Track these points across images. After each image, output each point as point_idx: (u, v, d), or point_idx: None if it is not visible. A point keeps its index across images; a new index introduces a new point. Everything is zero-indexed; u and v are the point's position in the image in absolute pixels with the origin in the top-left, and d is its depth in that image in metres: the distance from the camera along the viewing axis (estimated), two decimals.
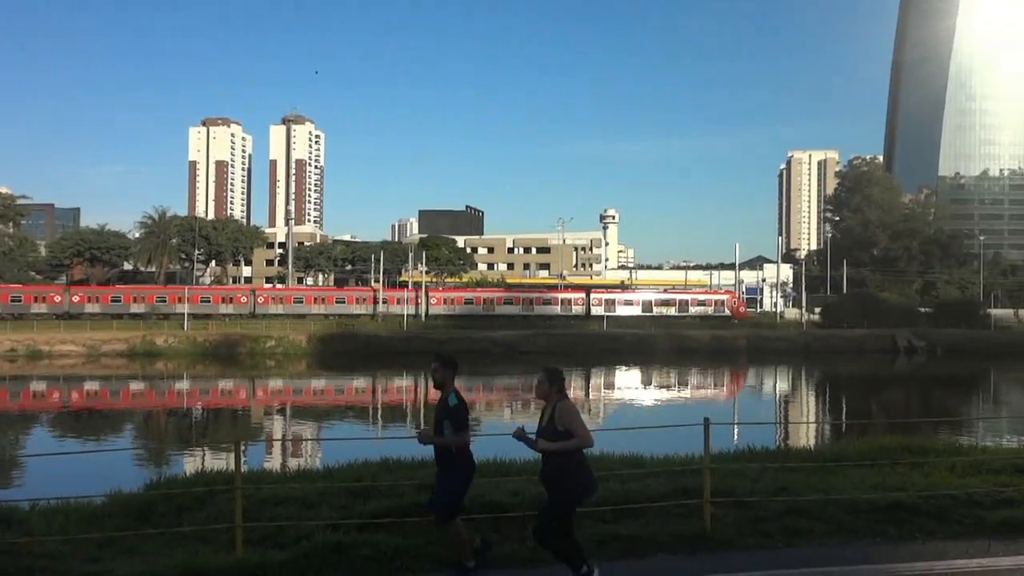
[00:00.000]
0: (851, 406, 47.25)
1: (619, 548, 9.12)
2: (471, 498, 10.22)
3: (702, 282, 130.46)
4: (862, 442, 14.99)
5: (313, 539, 8.97)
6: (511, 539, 9.23)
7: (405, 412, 42.54)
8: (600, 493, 10.47)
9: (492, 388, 54.11)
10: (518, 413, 42.03)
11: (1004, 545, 9.58)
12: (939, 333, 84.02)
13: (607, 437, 19.89)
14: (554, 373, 8.04)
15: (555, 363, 8.70)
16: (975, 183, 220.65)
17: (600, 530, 9.48)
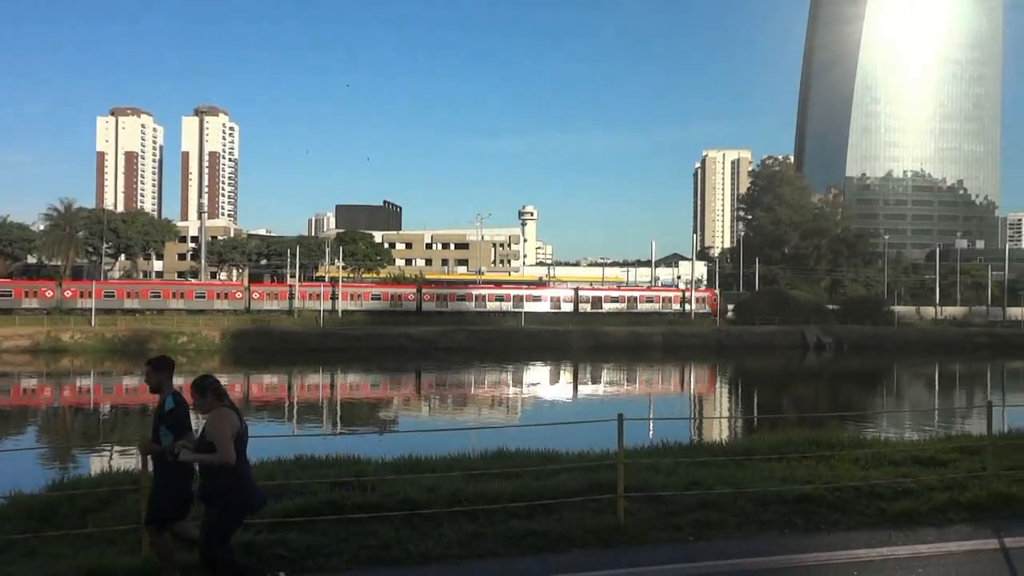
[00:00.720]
0: (762, 401, 48.32)
1: (533, 544, 9.13)
2: (386, 495, 10.14)
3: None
4: (772, 436, 15.33)
5: None
6: (426, 537, 9.17)
7: (320, 409, 42.01)
8: (515, 489, 10.52)
9: (407, 384, 53.86)
10: (436, 410, 41.94)
11: (903, 534, 9.91)
12: (846, 329, 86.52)
13: (523, 434, 20.00)
14: (205, 380, 7.31)
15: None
16: (880, 184, 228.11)
17: (514, 527, 9.49)
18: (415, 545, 8.91)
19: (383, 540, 9.00)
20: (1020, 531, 10.09)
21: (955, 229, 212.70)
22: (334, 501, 9.99)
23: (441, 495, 10.27)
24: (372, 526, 9.37)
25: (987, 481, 11.39)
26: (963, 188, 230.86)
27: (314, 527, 9.30)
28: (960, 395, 52.45)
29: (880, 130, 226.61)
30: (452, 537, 9.14)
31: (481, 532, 9.34)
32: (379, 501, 10.01)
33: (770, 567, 8.76)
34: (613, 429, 10.14)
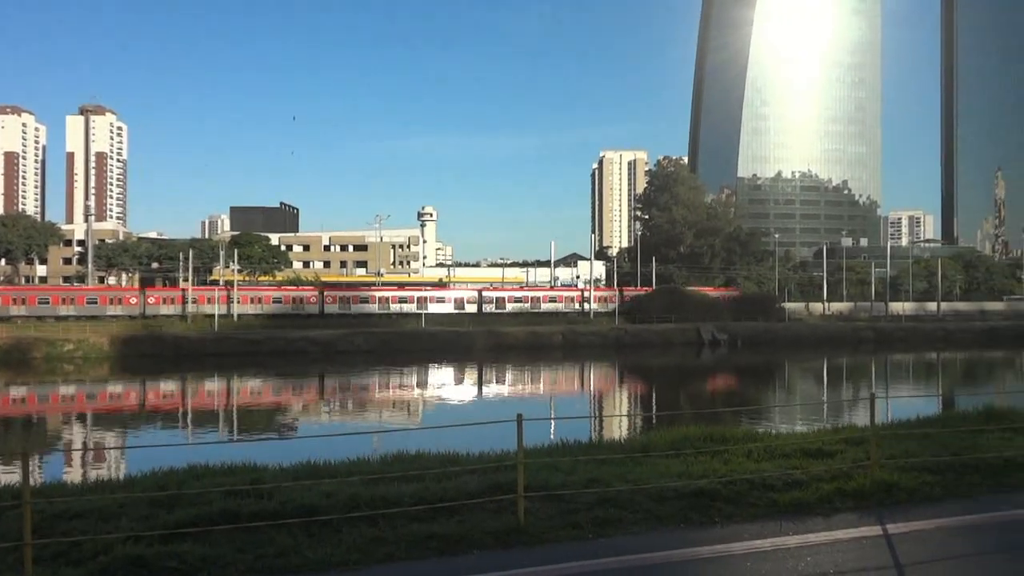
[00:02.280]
0: (660, 398, 49.22)
1: (435, 547, 9.10)
2: (284, 502, 9.95)
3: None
4: (669, 433, 15.59)
5: (112, 553, 8.48)
6: (325, 543, 9.04)
7: (216, 416, 41.01)
8: (415, 492, 10.47)
9: (308, 389, 53.06)
10: (335, 414, 41.42)
11: (793, 524, 10.23)
12: (739, 326, 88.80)
13: (424, 436, 19.92)
14: None
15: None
16: (770, 184, 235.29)
17: (415, 530, 9.43)
18: (314, 552, 8.77)
19: (281, 548, 8.84)
20: (902, 517, 10.54)
21: (840, 228, 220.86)
22: (229, 510, 9.75)
23: (340, 500, 10.14)
24: (270, 534, 9.19)
25: (871, 470, 11.84)
26: (847, 188, 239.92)
27: (209, 537, 9.06)
28: (846, 388, 54.46)
29: (770, 132, 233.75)
30: (352, 542, 9.04)
31: (381, 536, 9.26)
32: (276, 508, 9.82)
33: (667, 561, 8.93)
34: (513, 429, 10.18)
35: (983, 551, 9.56)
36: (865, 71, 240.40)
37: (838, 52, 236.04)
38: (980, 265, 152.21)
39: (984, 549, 9.63)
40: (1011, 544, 9.78)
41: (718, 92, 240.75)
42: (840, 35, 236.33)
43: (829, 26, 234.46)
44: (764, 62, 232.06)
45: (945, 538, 9.89)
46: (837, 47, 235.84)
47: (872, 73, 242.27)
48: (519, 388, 53.71)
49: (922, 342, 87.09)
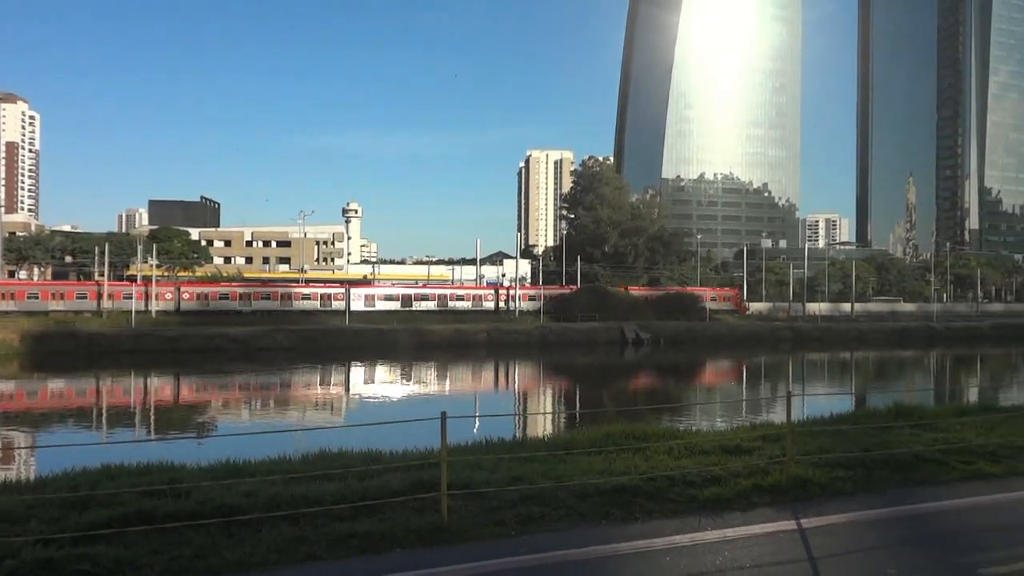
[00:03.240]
0: (584, 396, 49.63)
1: (356, 546, 9.05)
2: (202, 502, 9.77)
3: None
4: (592, 430, 15.76)
5: (20, 557, 8.23)
6: (244, 543, 8.91)
7: (133, 414, 40.03)
8: (337, 491, 10.39)
9: (228, 387, 52.13)
10: (256, 413, 40.80)
11: (712, 519, 10.46)
12: (662, 325, 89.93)
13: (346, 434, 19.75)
14: None
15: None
16: (693, 185, 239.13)
17: (336, 529, 9.36)
18: (232, 553, 8.64)
19: (198, 549, 8.69)
20: (815, 512, 10.85)
21: (760, 229, 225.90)
22: (145, 511, 9.55)
23: (260, 500, 10.01)
24: (187, 535, 9.03)
25: (787, 466, 12.16)
26: (768, 191, 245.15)
27: (123, 539, 8.85)
28: (765, 386, 55.65)
29: (693, 135, 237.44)
30: (272, 542, 8.93)
31: (302, 536, 9.17)
32: (194, 509, 9.65)
33: (588, 557, 9.03)
34: (437, 427, 10.18)
35: (891, 543, 9.90)
36: (785, 77, 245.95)
37: (760, 58, 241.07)
38: (892, 267, 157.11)
39: (892, 541, 9.97)
40: (918, 536, 10.15)
41: (643, 94, 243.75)
42: (762, 41, 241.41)
43: (751, 32, 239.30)
44: (688, 66, 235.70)
45: (856, 531, 10.21)
46: (759, 53, 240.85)
47: (792, 79, 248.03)
48: (443, 386, 53.61)
49: (837, 341, 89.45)
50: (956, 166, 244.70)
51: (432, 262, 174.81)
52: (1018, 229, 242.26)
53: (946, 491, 12.22)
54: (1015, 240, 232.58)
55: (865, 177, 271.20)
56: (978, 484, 12.65)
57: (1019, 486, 12.56)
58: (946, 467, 13.27)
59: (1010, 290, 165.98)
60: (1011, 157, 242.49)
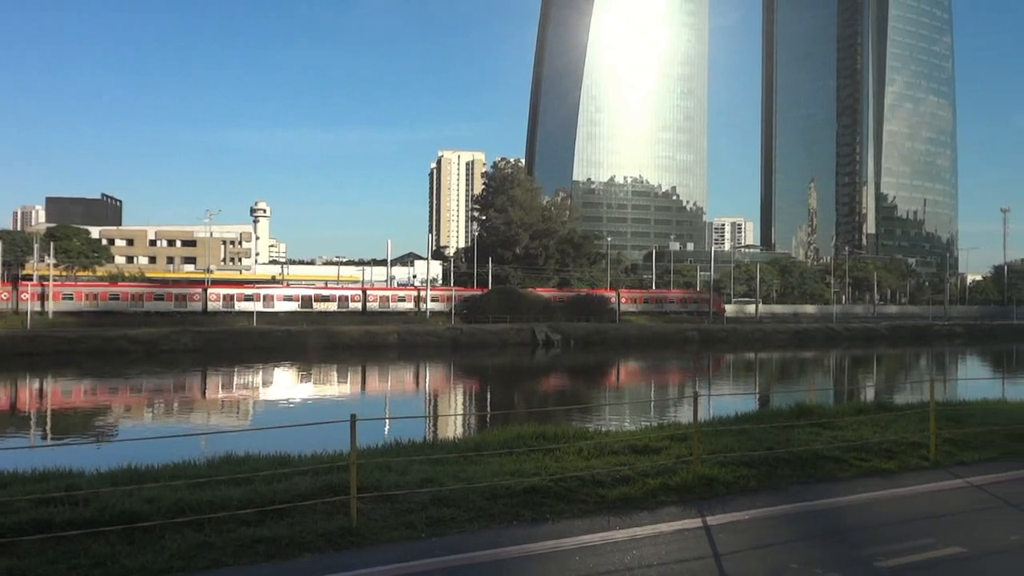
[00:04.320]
0: (495, 397, 49.74)
1: (264, 551, 8.89)
2: (101, 509, 9.47)
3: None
4: (502, 431, 15.80)
5: None
6: (146, 550, 8.67)
7: (27, 419, 38.55)
8: (244, 495, 10.19)
9: (129, 390, 50.64)
10: (159, 417, 39.75)
11: (621, 519, 10.61)
12: (572, 326, 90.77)
13: (253, 438, 19.37)
14: None
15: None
16: (604, 188, 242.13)
17: (242, 534, 9.18)
18: (133, 560, 8.40)
19: (97, 557, 8.42)
20: (720, 509, 11.10)
21: (669, 232, 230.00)
22: (40, 519, 9.19)
23: (163, 506, 9.74)
24: (85, 543, 8.74)
25: (694, 465, 12.40)
26: (676, 194, 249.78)
27: (16, 549, 8.52)
28: (672, 387, 56.63)
29: (604, 137, 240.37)
30: (175, 549, 8.71)
31: (207, 542, 8.96)
32: (93, 516, 9.33)
33: (498, 558, 9.06)
34: (347, 430, 10.08)
35: (793, 538, 10.19)
36: (693, 83, 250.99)
37: (668, 63, 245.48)
38: (794, 270, 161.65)
39: (794, 536, 10.27)
40: (818, 531, 10.48)
41: (555, 97, 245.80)
42: (671, 47, 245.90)
43: (661, 38, 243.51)
44: (599, 70, 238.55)
45: (759, 527, 10.48)
46: (668, 59, 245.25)
47: (700, 85, 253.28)
48: (354, 388, 53.09)
49: (742, 342, 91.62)
50: (855, 172, 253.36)
51: (342, 263, 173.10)
52: (912, 234, 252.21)
53: (844, 487, 12.65)
54: (909, 245, 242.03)
55: (769, 182, 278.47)
56: (874, 480, 13.13)
57: (912, 481, 13.10)
58: (844, 464, 13.73)
59: (904, 293, 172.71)
60: (905, 165, 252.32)
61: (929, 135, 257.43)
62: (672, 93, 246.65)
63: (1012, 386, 36.84)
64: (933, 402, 15.46)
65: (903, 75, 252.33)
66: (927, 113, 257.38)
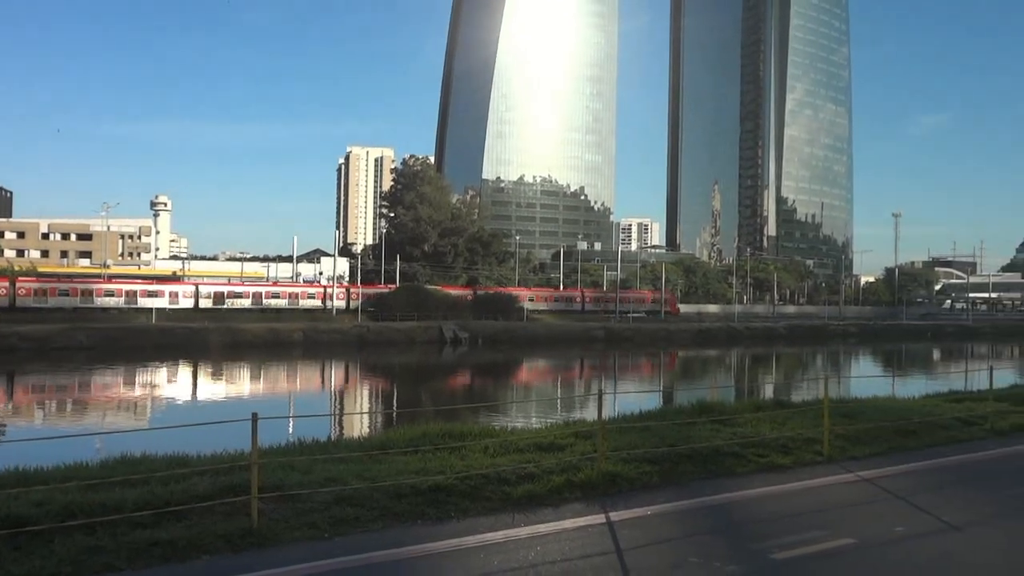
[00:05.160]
0: (401, 395, 49.49)
1: (159, 554, 8.65)
2: None
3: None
4: (408, 430, 15.71)
5: None
6: (33, 555, 8.34)
7: None
8: (139, 497, 9.89)
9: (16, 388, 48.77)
10: (50, 417, 38.37)
11: (525, 516, 10.67)
12: (480, 324, 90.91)
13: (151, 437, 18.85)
14: None
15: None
16: (513, 187, 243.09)
17: (137, 537, 8.90)
18: (19, 566, 8.07)
19: None
20: (623, 505, 11.26)
21: (577, 231, 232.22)
22: None
23: (53, 509, 9.37)
24: None
25: (598, 462, 12.53)
26: (584, 194, 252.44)
27: None
28: (579, 385, 57.24)
29: (514, 137, 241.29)
30: (64, 554, 8.39)
31: (99, 546, 8.66)
32: None
33: (402, 557, 9.01)
34: (248, 429, 9.89)
35: (694, 533, 10.40)
36: (603, 84, 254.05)
37: (578, 64, 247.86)
38: (698, 270, 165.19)
39: (694, 531, 10.49)
40: (717, 525, 10.73)
41: (466, 95, 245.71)
42: (581, 48, 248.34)
43: (571, 39, 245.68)
44: (510, 69, 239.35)
45: (661, 523, 10.67)
46: (577, 60, 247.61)
47: (609, 87, 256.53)
48: (257, 386, 52.16)
49: (647, 341, 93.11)
50: (757, 176, 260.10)
51: (247, 259, 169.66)
52: (810, 236, 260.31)
53: (743, 482, 12.97)
54: (807, 247, 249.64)
55: (675, 183, 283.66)
56: (771, 475, 13.51)
57: (806, 475, 13.52)
58: (743, 460, 14.07)
59: (802, 293, 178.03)
60: (805, 170, 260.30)
61: (827, 141, 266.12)
62: (581, 94, 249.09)
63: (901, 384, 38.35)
64: (827, 400, 15.98)
65: (803, 83, 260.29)
66: (825, 120, 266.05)
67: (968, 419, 18.81)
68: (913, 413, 19.00)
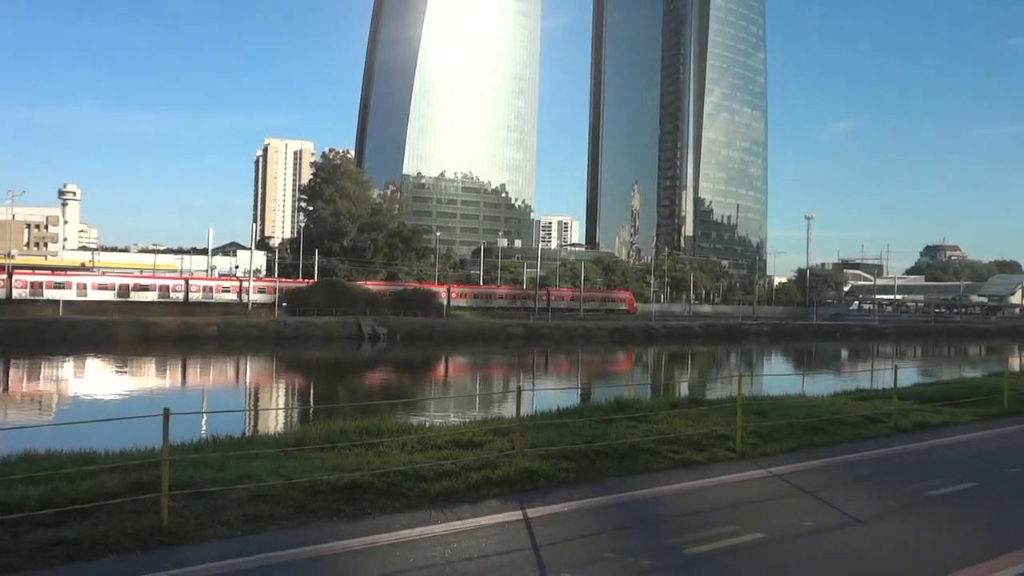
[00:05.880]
0: (319, 391, 48.88)
1: (63, 554, 8.37)
2: None
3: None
4: (324, 426, 15.52)
5: None
6: None
7: None
8: (43, 495, 9.57)
9: None
10: None
11: (443, 513, 10.65)
12: (399, 321, 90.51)
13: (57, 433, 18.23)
14: None
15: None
16: (434, 183, 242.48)
17: (40, 536, 8.61)
18: None
19: None
20: (540, 502, 11.33)
21: (498, 228, 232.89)
22: None
23: None
24: None
25: (515, 459, 12.57)
26: (505, 191, 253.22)
27: None
28: (498, 381, 57.35)
29: (435, 133, 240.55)
30: None
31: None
32: None
33: (317, 555, 8.91)
34: (159, 425, 9.67)
35: (609, 529, 10.52)
36: (525, 82, 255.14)
37: (501, 62, 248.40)
38: (617, 269, 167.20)
39: (610, 527, 10.61)
40: (633, 521, 10.87)
41: (387, 90, 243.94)
42: (503, 46, 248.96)
43: (494, 37, 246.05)
44: (432, 65, 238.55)
45: (577, 519, 10.76)
46: (500, 57, 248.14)
47: (531, 84, 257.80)
48: (169, 381, 50.97)
49: (565, 339, 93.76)
50: (675, 177, 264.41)
51: (160, 251, 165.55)
52: (726, 237, 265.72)
53: (658, 478, 13.17)
54: (723, 247, 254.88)
55: (595, 182, 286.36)
56: (686, 471, 13.74)
57: (719, 472, 13.79)
58: (659, 456, 14.28)
59: (718, 293, 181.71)
60: (721, 172, 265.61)
61: (743, 144, 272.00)
62: (504, 91, 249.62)
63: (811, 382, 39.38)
64: (740, 397, 16.34)
65: (721, 86, 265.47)
66: (742, 123, 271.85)
67: (874, 416, 19.44)
68: (822, 411, 19.55)
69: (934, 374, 55.41)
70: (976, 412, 21.48)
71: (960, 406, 21.91)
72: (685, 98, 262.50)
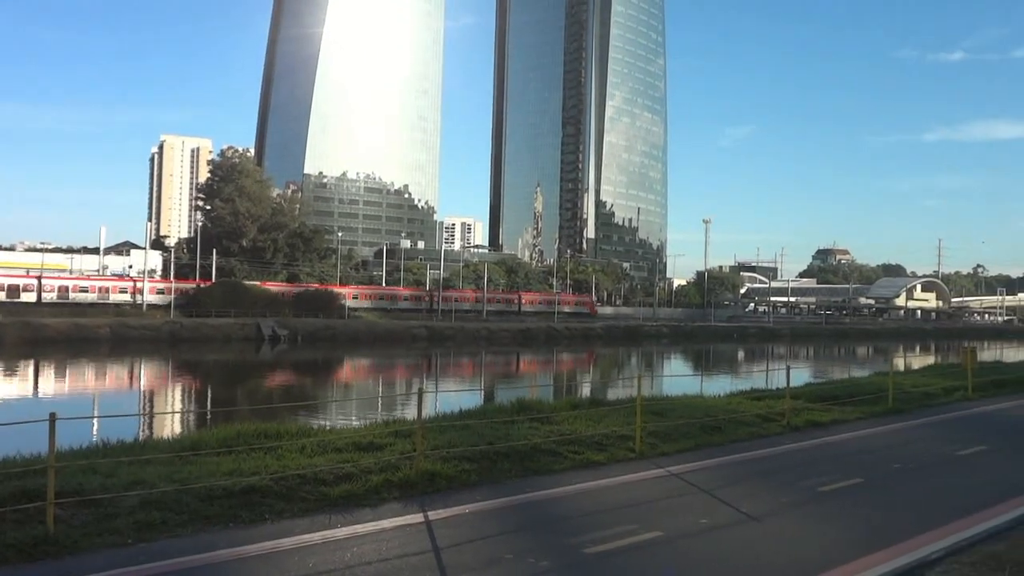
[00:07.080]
0: (216, 394, 47.81)
1: None
2: None
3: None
4: (221, 429, 15.19)
5: None
6: None
7: None
8: None
9: None
10: None
11: (343, 516, 10.54)
12: (300, 322, 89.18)
13: None
14: None
15: None
16: (336, 183, 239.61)
17: None
18: None
19: None
20: (442, 504, 11.31)
21: (400, 229, 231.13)
22: None
23: None
24: None
25: (417, 461, 12.54)
26: (408, 192, 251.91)
27: None
28: (400, 383, 57.05)
29: (337, 132, 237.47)
30: None
31: None
32: None
33: (212, 562, 8.72)
34: (45, 430, 9.32)
35: (510, 530, 10.57)
36: (428, 82, 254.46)
37: (404, 61, 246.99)
38: (520, 270, 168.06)
39: (510, 528, 10.66)
40: (533, 522, 10.94)
41: (288, 88, 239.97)
42: (406, 46, 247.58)
43: (396, 36, 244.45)
44: (334, 64, 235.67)
45: (478, 521, 10.78)
46: (403, 56, 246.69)
47: (435, 85, 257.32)
48: (57, 385, 49.10)
49: (468, 340, 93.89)
50: (577, 180, 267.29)
51: (48, 250, 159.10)
52: (627, 240, 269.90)
53: (559, 479, 13.29)
54: (624, 250, 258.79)
55: (498, 184, 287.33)
56: (586, 471, 13.90)
57: (619, 472, 13.99)
58: (560, 457, 14.41)
59: (619, 295, 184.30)
60: (622, 175, 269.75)
61: (644, 148, 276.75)
62: (407, 91, 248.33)
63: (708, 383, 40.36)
64: (640, 398, 16.62)
65: (622, 91, 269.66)
66: (642, 128, 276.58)
67: (767, 416, 20.01)
68: (718, 411, 20.03)
69: (825, 374, 57.36)
70: (863, 410, 22.30)
71: (848, 405, 22.73)
72: (587, 102, 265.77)
